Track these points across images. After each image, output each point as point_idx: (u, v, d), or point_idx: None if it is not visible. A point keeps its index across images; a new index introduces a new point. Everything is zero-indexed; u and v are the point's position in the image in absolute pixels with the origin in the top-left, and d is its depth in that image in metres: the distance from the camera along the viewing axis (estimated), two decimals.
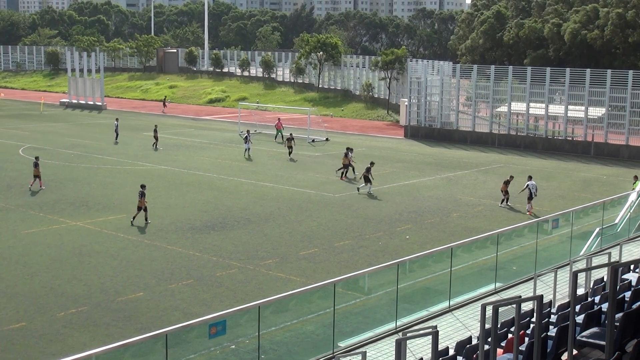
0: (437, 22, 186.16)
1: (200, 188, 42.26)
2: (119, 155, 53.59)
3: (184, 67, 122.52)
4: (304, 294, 20.32)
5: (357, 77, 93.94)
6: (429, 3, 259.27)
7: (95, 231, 32.16)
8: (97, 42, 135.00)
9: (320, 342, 19.47)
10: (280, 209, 37.16)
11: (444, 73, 68.09)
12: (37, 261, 27.90)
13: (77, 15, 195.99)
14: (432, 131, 66.86)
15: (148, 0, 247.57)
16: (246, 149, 54.05)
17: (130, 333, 20.34)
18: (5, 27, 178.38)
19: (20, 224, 33.38)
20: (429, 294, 23.43)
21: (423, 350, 17.26)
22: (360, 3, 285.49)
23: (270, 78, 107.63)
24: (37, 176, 41.30)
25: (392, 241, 31.60)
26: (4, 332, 21.18)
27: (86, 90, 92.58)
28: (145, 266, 27.43)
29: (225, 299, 24.03)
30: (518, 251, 27.48)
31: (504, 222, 33.66)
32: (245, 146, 54.07)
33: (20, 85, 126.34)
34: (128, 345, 15.35)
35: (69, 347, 19.85)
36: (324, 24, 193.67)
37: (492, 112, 64.13)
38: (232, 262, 28.11)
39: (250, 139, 54.69)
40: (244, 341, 18.61)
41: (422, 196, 41.06)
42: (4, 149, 55.18)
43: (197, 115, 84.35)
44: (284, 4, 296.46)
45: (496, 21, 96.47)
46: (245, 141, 54.23)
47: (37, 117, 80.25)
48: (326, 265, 28.00)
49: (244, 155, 53.83)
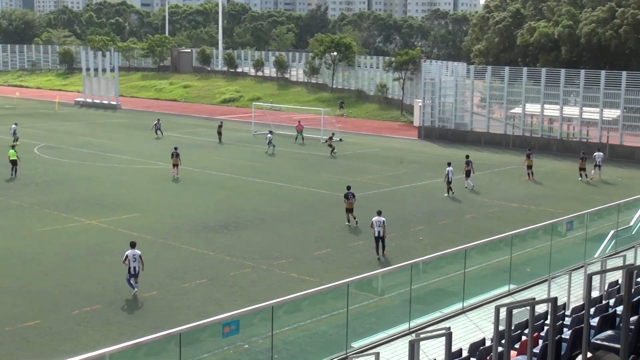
0: (451, 23, 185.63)
1: (213, 188, 42.35)
2: (133, 154, 53.76)
3: (198, 67, 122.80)
4: (317, 294, 20.32)
5: (370, 77, 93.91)
6: (443, 4, 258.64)
7: (110, 230, 32.27)
8: (111, 41, 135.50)
9: (334, 343, 19.47)
10: (294, 209, 37.19)
11: (458, 74, 67.96)
12: (52, 259, 28.03)
13: (95, 16, 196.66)
14: (446, 132, 66.74)
15: (163, 0, 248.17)
16: (270, 147, 55.76)
17: (144, 332, 20.38)
18: (19, 26, 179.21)
19: (35, 222, 33.54)
20: (442, 295, 23.38)
21: (436, 351, 17.24)
22: (375, 4, 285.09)
23: (284, 78, 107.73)
24: (175, 165, 44.27)
25: (405, 242, 31.56)
26: (19, 329, 21.29)
27: (101, 90, 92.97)
28: (158, 265, 27.49)
29: (238, 298, 24.06)
30: (532, 253, 27.37)
31: (518, 224, 33.50)
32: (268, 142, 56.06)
33: (35, 84, 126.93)
34: (141, 344, 15.40)
35: (83, 345, 19.93)
36: (337, 25, 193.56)
37: (506, 114, 63.96)
38: (245, 262, 28.15)
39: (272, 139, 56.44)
40: (257, 341, 18.63)
41: (436, 197, 40.98)
42: (19, 148, 55.45)
43: (210, 115, 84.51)
44: (298, 4, 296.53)
45: (513, 21, 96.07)
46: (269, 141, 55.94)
47: (52, 116, 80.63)
48: (339, 266, 27.99)
49: (266, 152, 55.29)
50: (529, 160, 46.76)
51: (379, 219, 29.06)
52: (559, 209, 37.54)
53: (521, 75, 63.09)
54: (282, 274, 26.93)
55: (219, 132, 62.62)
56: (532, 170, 46.68)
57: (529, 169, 46.74)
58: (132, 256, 24.15)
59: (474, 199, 40.80)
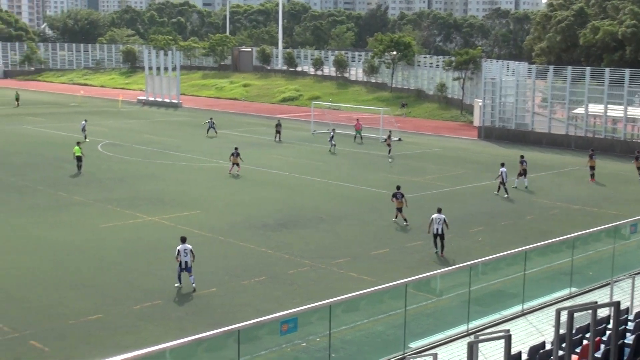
0: (512, 22, 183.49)
1: (273, 186, 42.60)
2: (194, 152, 54.40)
3: (258, 66, 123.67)
4: (375, 294, 20.27)
5: (430, 77, 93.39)
6: (504, 3, 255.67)
7: (170, 227, 32.71)
8: (172, 41, 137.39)
9: (391, 343, 19.42)
10: (353, 208, 37.20)
11: (519, 74, 67.16)
12: (114, 255, 28.54)
13: (157, 15, 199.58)
14: (506, 132, 66.00)
15: (224, 0, 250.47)
16: (332, 144, 56.28)
17: (203, 328, 20.58)
18: (84, 26, 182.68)
19: (98, 218, 34.18)
20: (501, 297, 23.12)
21: (495, 354, 17.09)
22: (435, 3, 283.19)
23: (343, 77, 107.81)
24: (235, 163, 45.48)
25: (464, 243, 31.33)
26: (82, 323, 21.73)
27: (162, 88, 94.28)
28: (218, 262, 27.79)
29: (296, 296, 24.18)
30: (594, 256, 26.89)
31: (579, 226, 32.99)
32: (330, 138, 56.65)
33: (99, 82, 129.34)
34: (201, 339, 15.56)
35: (143, 340, 20.24)
36: (397, 24, 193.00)
37: (568, 114, 62.99)
38: (303, 261, 28.27)
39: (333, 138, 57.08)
40: (315, 339, 18.67)
41: (496, 198, 40.59)
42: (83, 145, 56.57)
43: (270, 113, 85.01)
44: (358, 4, 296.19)
45: (576, 20, 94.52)
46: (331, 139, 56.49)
47: (115, 114, 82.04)
48: (397, 266, 27.92)
49: (330, 150, 55.97)
50: (592, 161, 46.03)
51: (439, 216, 29.05)
52: (622, 212, 36.83)
53: (584, 75, 62.06)
54: (340, 273, 26.98)
55: (277, 131, 62.91)
56: (594, 171, 45.92)
57: (591, 169, 46.02)
58: (183, 251, 24.65)
59: (534, 200, 40.30)
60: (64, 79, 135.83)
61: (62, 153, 51.68)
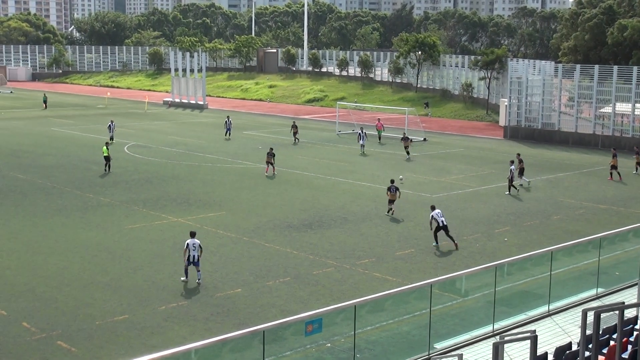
0: (539, 21, 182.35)
1: (298, 187, 42.68)
2: (219, 153, 54.62)
3: (283, 67, 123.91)
4: (400, 294, 20.26)
5: (456, 76, 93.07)
6: (531, 1, 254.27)
7: (196, 228, 32.80)
8: (198, 42, 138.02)
9: (416, 343, 19.39)
10: (377, 208, 37.16)
11: (545, 73, 66.73)
12: (140, 255, 28.74)
13: (182, 17, 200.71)
14: (533, 132, 65.61)
15: (249, 2, 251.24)
16: (361, 145, 56.03)
17: (229, 328, 20.73)
18: (111, 29, 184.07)
19: (124, 219, 34.43)
20: (527, 297, 23.00)
21: (521, 354, 17.01)
22: (460, 2, 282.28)
23: (368, 78, 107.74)
24: (269, 162, 45.84)
25: (489, 243, 31.21)
26: (109, 323, 21.91)
27: (188, 90, 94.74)
28: (243, 263, 27.89)
29: (321, 297, 24.21)
30: (621, 256, 26.67)
31: (606, 226, 32.76)
32: (361, 142, 56.14)
33: (126, 84, 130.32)
34: (226, 340, 15.65)
35: (169, 340, 20.38)
36: (422, 23, 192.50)
37: (595, 113, 62.50)
38: (328, 261, 28.29)
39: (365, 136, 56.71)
40: (340, 340, 18.69)
41: (521, 198, 40.38)
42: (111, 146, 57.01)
43: (295, 114, 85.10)
44: (383, 4, 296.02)
45: (605, 18, 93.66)
46: (360, 138, 56.22)
47: (141, 116, 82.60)
48: (422, 266, 27.88)
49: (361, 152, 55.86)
50: (614, 160, 45.99)
51: (438, 211, 30.46)
52: None
53: (611, 74, 61.54)
54: (365, 273, 26.97)
55: (294, 133, 62.25)
56: (617, 170, 45.78)
57: (613, 169, 46.04)
58: (192, 245, 25.11)
59: (560, 200, 40.03)
60: (91, 81, 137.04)
61: (90, 155, 52.15)
